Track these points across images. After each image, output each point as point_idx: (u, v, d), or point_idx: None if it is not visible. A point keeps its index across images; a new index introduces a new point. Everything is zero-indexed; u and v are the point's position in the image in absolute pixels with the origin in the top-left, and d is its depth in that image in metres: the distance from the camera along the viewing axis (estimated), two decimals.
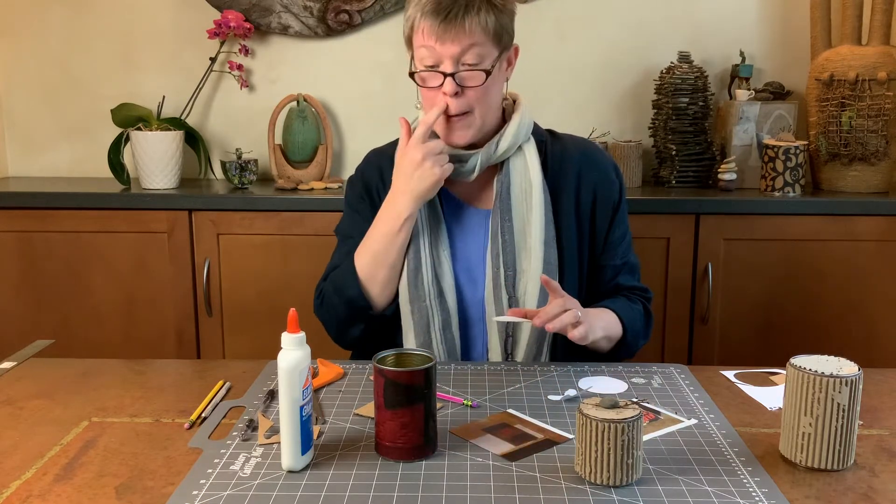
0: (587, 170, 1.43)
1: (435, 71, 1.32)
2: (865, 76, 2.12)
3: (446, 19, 1.27)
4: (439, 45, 1.29)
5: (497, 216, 1.39)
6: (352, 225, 1.47)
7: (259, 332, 2.16)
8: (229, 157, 2.40)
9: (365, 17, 2.41)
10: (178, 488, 0.92)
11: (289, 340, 0.96)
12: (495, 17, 1.30)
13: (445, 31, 1.28)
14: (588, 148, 1.48)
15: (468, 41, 1.29)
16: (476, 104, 1.33)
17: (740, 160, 2.26)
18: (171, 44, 2.47)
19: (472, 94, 1.32)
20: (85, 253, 2.16)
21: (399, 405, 0.97)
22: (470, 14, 1.28)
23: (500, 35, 1.32)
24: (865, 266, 2.09)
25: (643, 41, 2.43)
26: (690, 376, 1.28)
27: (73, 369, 1.31)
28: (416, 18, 1.31)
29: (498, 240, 1.38)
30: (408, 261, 1.38)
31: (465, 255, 1.42)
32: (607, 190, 1.44)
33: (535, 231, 1.37)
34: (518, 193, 1.39)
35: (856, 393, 0.95)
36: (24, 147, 2.55)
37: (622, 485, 0.92)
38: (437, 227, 1.40)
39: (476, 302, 1.41)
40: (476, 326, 1.42)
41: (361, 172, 1.51)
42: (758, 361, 1.39)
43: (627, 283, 1.47)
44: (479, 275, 1.41)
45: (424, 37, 1.30)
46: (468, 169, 1.38)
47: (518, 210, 1.39)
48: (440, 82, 1.32)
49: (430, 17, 1.28)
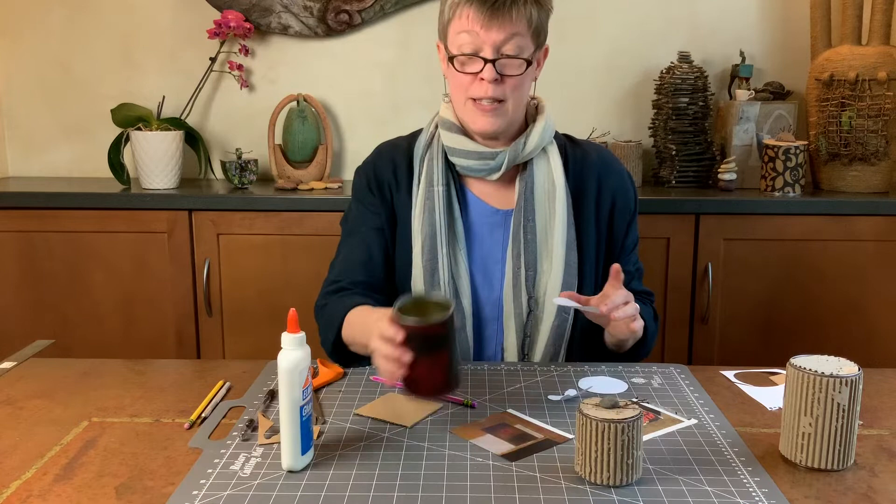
0: (606, 176, 1.44)
1: (476, 56, 1.31)
2: (865, 76, 2.13)
3: (494, 6, 1.27)
4: (484, 31, 1.29)
5: (520, 215, 1.39)
6: (358, 217, 1.46)
7: (259, 332, 2.16)
8: (229, 157, 2.40)
9: (365, 17, 2.41)
10: (178, 488, 0.92)
11: (289, 340, 0.96)
12: (537, 13, 1.31)
13: (492, 18, 1.28)
14: (606, 155, 1.48)
15: (512, 30, 1.29)
16: (510, 94, 1.33)
17: (740, 160, 2.26)
18: (171, 44, 2.47)
19: (509, 83, 1.32)
20: (85, 253, 2.16)
21: (422, 354, 1.02)
22: (517, 4, 1.28)
23: (539, 31, 1.33)
24: (865, 266, 2.09)
25: (643, 41, 2.43)
26: (690, 376, 1.28)
27: (73, 369, 1.31)
28: (460, 4, 1.30)
29: (520, 239, 1.38)
30: (424, 261, 1.38)
31: (482, 254, 1.41)
32: (625, 197, 1.45)
33: (558, 233, 1.38)
34: (541, 194, 1.39)
35: (856, 393, 0.95)
36: (24, 147, 2.55)
37: (622, 485, 0.92)
38: (454, 227, 1.40)
39: (491, 301, 1.40)
40: (490, 326, 1.41)
41: (373, 165, 1.47)
42: (758, 361, 1.39)
43: (637, 287, 1.48)
44: (496, 274, 1.40)
45: (470, 22, 1.29)
46: (494, 166, 1.38)
47: (541, 210, 1.39)
48: (479, 68, 1.31)
49: (477, 4, 1.28)
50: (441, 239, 1.38)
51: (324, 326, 1.39)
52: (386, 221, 1.44)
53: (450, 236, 1.39)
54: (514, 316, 1.38)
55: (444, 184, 1.40)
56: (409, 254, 1.41)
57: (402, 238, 1.43)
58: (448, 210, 1.39)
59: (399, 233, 1.44)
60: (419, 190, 1.41)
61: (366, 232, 1.43)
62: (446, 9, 1.34)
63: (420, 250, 1.39)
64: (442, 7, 1.36)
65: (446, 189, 1.40)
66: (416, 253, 1.40)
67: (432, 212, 1.39)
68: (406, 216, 1.43)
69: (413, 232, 1.41)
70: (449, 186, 1.41)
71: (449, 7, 1.33)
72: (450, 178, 1.41)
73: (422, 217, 1.39)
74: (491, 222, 1.42)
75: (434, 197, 1.39)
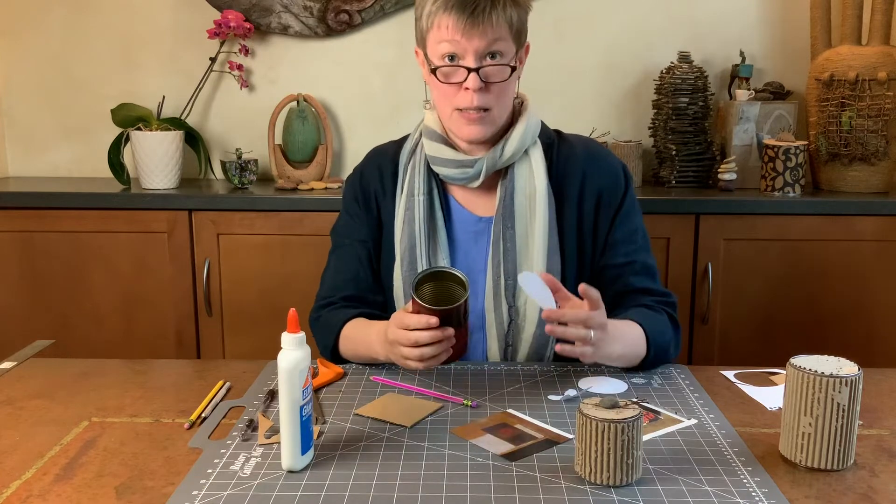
0: (592, 171, 1.39)
1: (459, 66, 1.28)
2: (865, 76, 2.12)
3: (473, 13, 1.24)
4: (465, 39, 1.26)
5: (499, 223, 1.36)
6: (346, 227, 1.46)
7: (259, 332, 2.16)
8: (229, 157, 2.40)
9: (365, 17, 2.41)
10: (178, 488, 0.92)
11: (289, 340, 0.96)
12: (517, 13, 1.28)
13: (473, 26, 1.25)
14: (594, 149, 1.43)
15: (493, 35, 1.26)
16: (496, 102, 1.30)
17: (740, 160, 2.26)
18: (171, 44, 2.47)
19: (493, 90, 1.29)
20: (85, 253, 2.16)
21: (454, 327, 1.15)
22: (496, 8, 1.25)
23: (520, 32, 1.31)
24: (865, 266, 2.09)
25: (643, 41, 2.43)
26: (690, 376, 1.28)
27: (73, 369, 1.31)
28: (437, 13, 1.27)
29: (500, 247, 1.36)
30: (404, 272, 1.37)
31: (467, 262, 1.39)
32: (612, 191, 1.39)
33: (538, 240, 1.35)
34: (522, 200, 1.36)
35: (856, 393, 0.95)
36: (24, 147, 2.55)
37: (622, 485, 0.92)
38: (436, 236, 1.38)
39: (476, 310, 1.37)
40: (475, 334, 1.39)
41: (360, 173, 1.47)
42: (758, 361, 1.38)
43: (641, 284, 1.38)
44: (480, 282, 1.38)
45: (450, 31, 1.26)
46: (473, 174, 1.35)
47: (521, 217, 1.36)
48: (463, 78, 1.28)
49: (455, 12, 1.25)
50: (420, 250, 1.36)
51: (321, 336, 1.39)
52: (372, 233, 1.44)
53: (430, 246, 1.37)
54: (495, 325, 1.36)
55: (425, 193, 1.38)
56: (392, 263, 1.40)
57: (386, 247, 1.43)
58: (429, 219, 1.37)
59: (384, 242, 1.43)
60: (401, 199, 1.40)
61: (352, 245, 1.42)
62: (423, 17, 1.30)
63: (400, 262, 1.38)
64: (417, 13, 1.32)
65: (427, 198, 1.38)
66: (397, 264, 1.39)
67: (412, 222, 1.37)
68: (391, 225, 1.42)
69: (395, 242, 1.40)
70: (431, 195, 1.39)
71: (426, 16, 1.29)
72: (432, 187, 1.39)
73: (402, 228, 1.38)
74: (475, 230, 1.40)
75: (414, 206, 1.38)
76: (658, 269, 1.44)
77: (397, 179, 1.42)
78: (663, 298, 1.39)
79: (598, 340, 1.16)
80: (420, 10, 1.31)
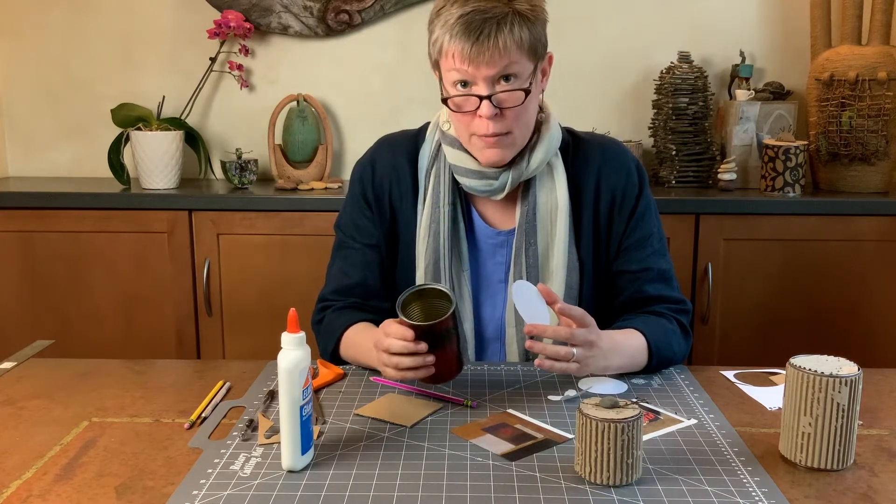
0: (606, 174, 1.36)
1: (470, 95, 1.23)
2: (865, 76, 2.13)
3: (478, 41, 1.17)
4: (473, 68, 1.20)
5: (521, 238, 1.33)
6: (355, 227, 1.40)
7: (259, 332, 2.16)
8: (229, 157, 2.40)
9: (365, 17, 2.41)
10: (178, 488, 0.92)
11: (289, 340, 0.96)
12: (528, 29, 1.20)
13: (479, 54, 1.18)
14: (610, 149, 1.39)
15: (503, 61, 1.19)
16: (514, 125, 1.25)
17: (740, 160, 2.26)
18: (171, 44, 2.47)
19: (510, 115, 1.23)
20: (85, 253, 2.16)
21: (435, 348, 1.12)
22: (503, 32, 1.18)
23: (535, 48, 1.23)
24: (865, 266, 2.09)
25: (643, 41, 2.43)
26: (690, 376, 1.28)
27: (73, 369, 1.31)
28: (444, 42, 1.21)
29: (522, 261, 1.33)
30: (427, 282, 1.33)
31: (485, 273, 1.37)
32: (626, 194, 1.36)
33: (558, 255, 1.32)
34: (544, 214, 1.33)
35: (856, 393, 0.95)
36: (24, 147, 2.55)
37: (622, 485, 0.92)
38: (459, 249, 1.35)
39: (494, 321, 1.37)
40: (492, 345, 1.38)
41: (372, 167, 1.40)
42: (758, 361, 1.38)
43: (656, 291, 1.34)
44: (499, 293, 1.37)
45: (457, 60, 1.20)
46: (498, 187, 1.31)
47: (543, 232, 1.33)
48: (475, 106, 1.23)
49: (460, 40, 1.18)
50: (444, 264, 1.33)
51: (322, 340, 1.38)
52: (383, 237, 1.39)
53: (453, 260, 1.34)
54: (516, 341, 1.34)
55: (450, 203, 1.34)
56: (411, 272, 1.37)
57: (404, 256, 1.39)
58: (453, 232, 1.34)
59: (401, 250, 1.39)
60: (424, 209, 1.35)
61: (362, 249, 1.39)
62: (432, 43, 1.25)
63: (423, 274, 1.35)
64: (428, 37, 1.26)
65: (452, 209, 1.34)
66: (419, 276, 1.36)
67: (437, 235, 1.34)
68: (409, 234, 1.38)
69: (417, 254, 1.36)
70: (455, 206, 1.35)
71: (434, 43, 1.24)
72: (456, 197, 1.35)
73: (426, 241, 1.35)
74: (494, 243, 1.37)
75: (440, 219, 1.34)
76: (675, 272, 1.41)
77: (416, 184, 1.38)
78: (677, 306, 1.36)
79: (585, 357, 1.15)
80: (430, 34, 1.26)
